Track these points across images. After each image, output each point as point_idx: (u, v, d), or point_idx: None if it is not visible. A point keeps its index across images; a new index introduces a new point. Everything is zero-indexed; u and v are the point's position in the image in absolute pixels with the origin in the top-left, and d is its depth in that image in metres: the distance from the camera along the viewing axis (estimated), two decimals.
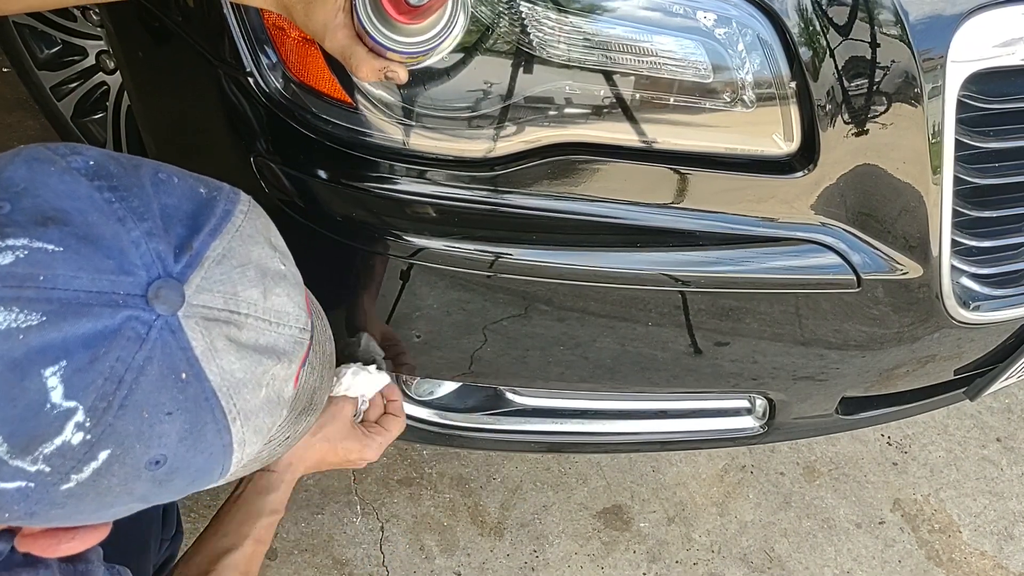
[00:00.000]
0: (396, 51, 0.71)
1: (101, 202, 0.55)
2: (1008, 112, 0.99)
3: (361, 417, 1.05)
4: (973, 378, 1.29)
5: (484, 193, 0.92)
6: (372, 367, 1.06)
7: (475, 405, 1.21)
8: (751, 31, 0.85)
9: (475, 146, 0.89)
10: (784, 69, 0.87)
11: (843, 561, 1.62)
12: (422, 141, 0.89)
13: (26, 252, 0.51)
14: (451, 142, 0.89)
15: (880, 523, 1.68)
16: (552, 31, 0.84)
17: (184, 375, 0.54)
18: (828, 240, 0.98)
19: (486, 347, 1.05)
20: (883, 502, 1.71)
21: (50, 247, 0.52)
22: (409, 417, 1.20)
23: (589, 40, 0.84)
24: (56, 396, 0.51)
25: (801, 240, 0.98)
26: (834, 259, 0.99)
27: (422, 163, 0.90)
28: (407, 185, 0.91)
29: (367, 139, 0.89)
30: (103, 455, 0.52)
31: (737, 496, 1.68)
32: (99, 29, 1.61)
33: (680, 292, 1.00)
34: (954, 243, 1.02)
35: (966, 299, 1.08)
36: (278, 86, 0.89)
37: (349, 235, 0.93)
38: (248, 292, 0.58)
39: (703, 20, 0.85)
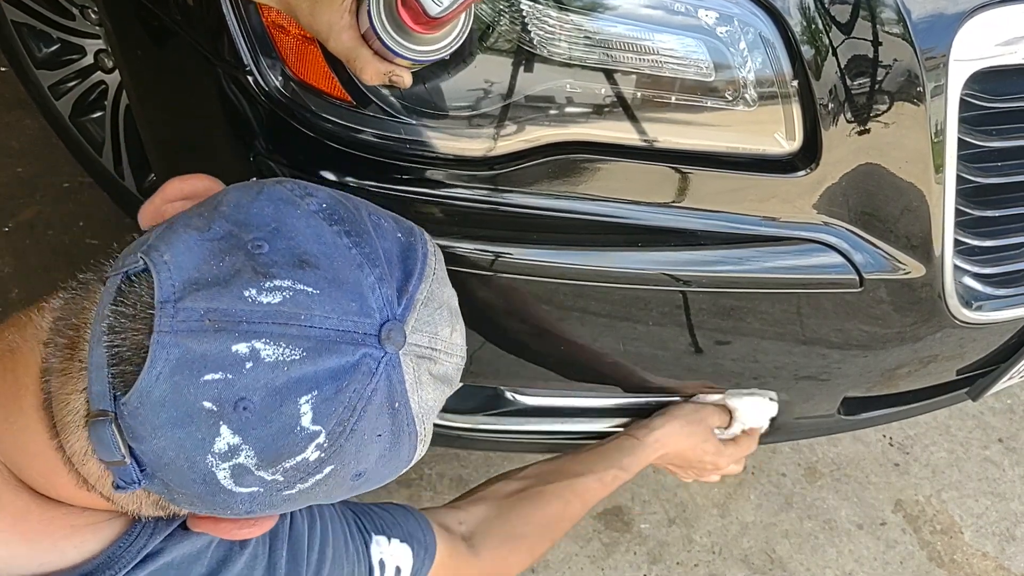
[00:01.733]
0: (407, 58, 0.71)
1: (343, 248, 0.60)
2: (1011, 111, 0.98)
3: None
4: (975, 378, 1.29)
5: (484, 192, 0.91)
6: (762, 394, 1.18)
7: (475, 406, 1.20)
8: (753, 29, 0.85)
9: (475, 145, 0.89)
10: (786, 68, 0.87)
11: (845, 562, 1.61)
12: (422, 140, 0.89)
13: (291, 293, 0.57)
14: (452, 141, 0.89)
15: (882, 524, 1.67)
16: (553, 29, 0.83)
17: (396, 404, 0.60)
18: (830, 239, 0.98)
19: (486, 347, 1.04)
20: (885, 503, 1.70)
21: (309, 289, 0.58)
22: None
23: (590, 38, 0.84)
24: (306, 421, 0.57)
25: (803, 239, 0.97)
26: (836, 258, 0.98)
27: (422, 162, 0.90)
28: (407, 184, 0.91)
29: (367, 138, 0.89)
30: (327, 470, 0.59)
31: (738, 497, 1.67)
32: (97, 28, 1.60)
33: (681, 292, 0.99)
34: (956, 242, 1.02)
35: (968, 299, 1.07)
36: (277, 84, 0.89)
37: None
38: (443, 331, 0.64)
39: (705, 18, 0.85)
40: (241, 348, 0.55)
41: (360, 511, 0.89)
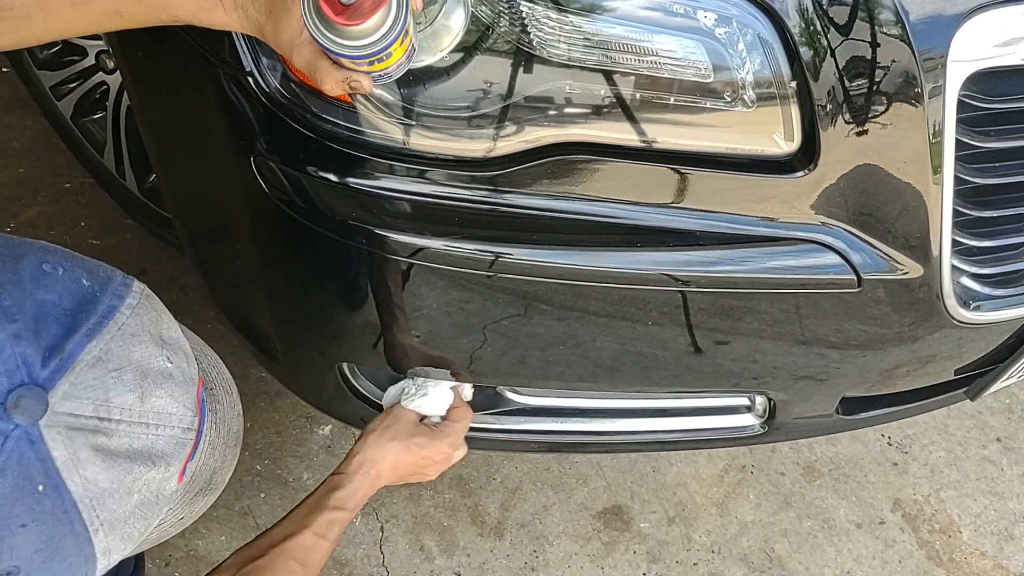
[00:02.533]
0: (346, 56, 0.70)
1: None
2: (1009, 112, 0.98)
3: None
4: (973, 378, 1.29)
5: (484, 193, 0.92)
6: (438, 384, 1.11)
7: (475, 405, 1.21)
8: (751, 31, 0.85)
9: (475, 146, 0.89)
10: (785, 69, 0.87)
11: (843, 561, 1.62)
12: (422, 141, 0.89)
13: None
14: (451, 142, 0.89)
15: (880, 523, 1.68)
16: (552, 31, 0.83)
17: (41, 487, 0.52)
18: (828, 240, 0.98)
19: (486, 347, 1.05)
20: (883, 502, 1.71)
21: None
22: None
23: (589, 40, 0.84)
24: None
25: (801, 240, 0.98)
26: (834, 259, 0.99)
27: (422, 163, 0.90)
28: (407, 185, 0.91)
29: (367, 139, 0.89)
30: None
31: (737, 496, 1.68)
32: None
33: (680, 292, 1.00)
34: (954, 243, 1.02)
35: (966, 299, 1.08)
36: (278, 86, 0.89)
37: (349, 235, 0.93)
38: (123, 397, 0.55)
39: (703, 20, 0.85)
40: None
41: None
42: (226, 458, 0.69)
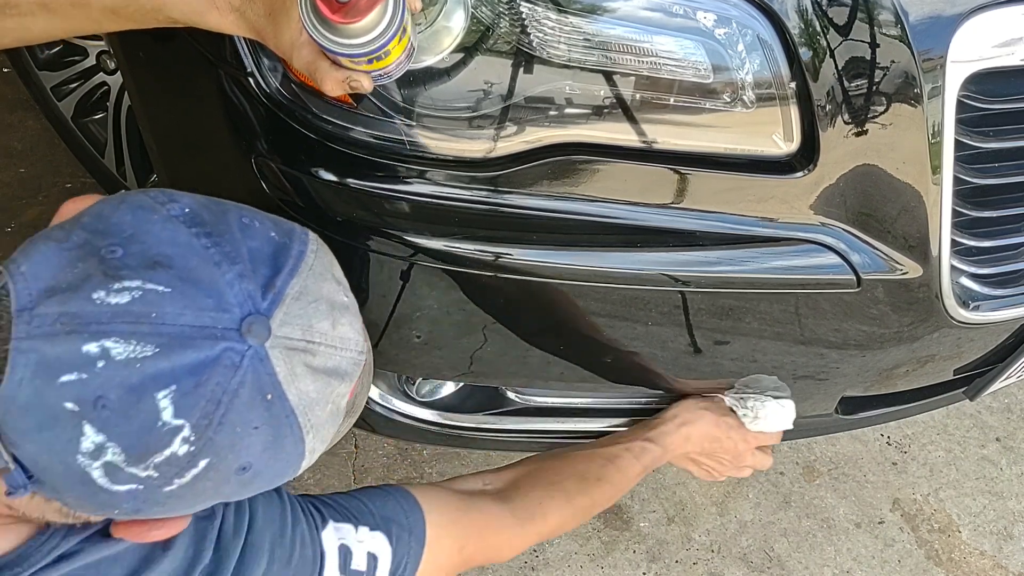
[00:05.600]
0: (344, 54, 0.71)
1: (199, 248, 0.63)
2: (1008, 112, 0.99)
3: None
4: (973, 378, 1.29)
5: (484, 193, 0.92)
6: (777, 400, 1.18)
7: (475, 405, 1.21)
8: (751, 31, 0.86)
9: (475, 146, 0.89)
10: (784, 69, 0.88)
11: (842, 561, 1.62)
12: (422, 141, 0.89)
13: (140, 292, 0.59)
14: (451, 142, 0.89)
15: (879, 523, 1.68)
16: (552, 31, 0.84)
17: (269, 396, 0.62)
18: (828, 240, 0.98)
19: (486, 347, 1.05)
20: (882, 502, 1.71)
21: (160, 288, 0.60)
22: (410, 417, 1.20)
23: (589, 40, 0.84)
24: (167, 415, 0.58)
25: (801, 240, 0.98)
26: (834, 259, 0.99)
27: (422, 163, 0.90)
28: (407, 185, 0.91)
29: (367, 139, 0.89)
30: (202, 463, 0.61)
31: (737, 496, 1.68)
32: None
33: (680, 292, 1.00)
34: (954, 243, 1.02)
35: (966, 299, 1.08)
36: (278, 86, 0.89)
37: (349, 235, 0.93)
38: (321, 324, 0.66)
39: (703, 20, 0.85)
40: (92, 348, 0.57)
41: (320, 500, 0.90)
42: (365, 386, 0.77)
